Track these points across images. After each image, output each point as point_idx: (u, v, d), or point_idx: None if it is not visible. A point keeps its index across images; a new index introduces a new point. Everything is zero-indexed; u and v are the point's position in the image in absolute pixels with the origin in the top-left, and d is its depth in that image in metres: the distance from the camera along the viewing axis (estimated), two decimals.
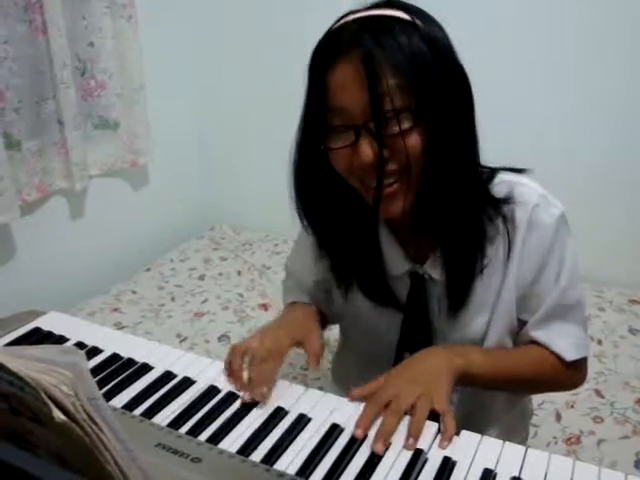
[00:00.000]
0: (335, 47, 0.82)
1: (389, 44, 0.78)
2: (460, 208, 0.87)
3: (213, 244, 2.51)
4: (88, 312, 1.96)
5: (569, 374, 0.99)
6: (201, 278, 2.24)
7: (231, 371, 0.92)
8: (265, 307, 2.04)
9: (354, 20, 0.83)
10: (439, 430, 0.81)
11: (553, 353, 0.96)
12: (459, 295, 0.94)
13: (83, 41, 1.95)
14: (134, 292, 2.12)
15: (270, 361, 0.91)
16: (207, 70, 2.50)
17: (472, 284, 0.94)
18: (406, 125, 0.79)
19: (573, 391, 1.55)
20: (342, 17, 0.86)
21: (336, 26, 0.86)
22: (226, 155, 2.61)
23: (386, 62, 0.78)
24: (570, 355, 0.96)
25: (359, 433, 0.80)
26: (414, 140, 0.80)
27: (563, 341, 0.96)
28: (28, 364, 0.35)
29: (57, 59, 1.80)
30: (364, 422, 0.81)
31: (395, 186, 0.84)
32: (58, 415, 0.34)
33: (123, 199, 2.28)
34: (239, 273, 2.28)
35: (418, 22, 0.82)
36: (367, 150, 0.81)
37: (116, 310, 2.00)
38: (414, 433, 0.79)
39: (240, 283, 2.20)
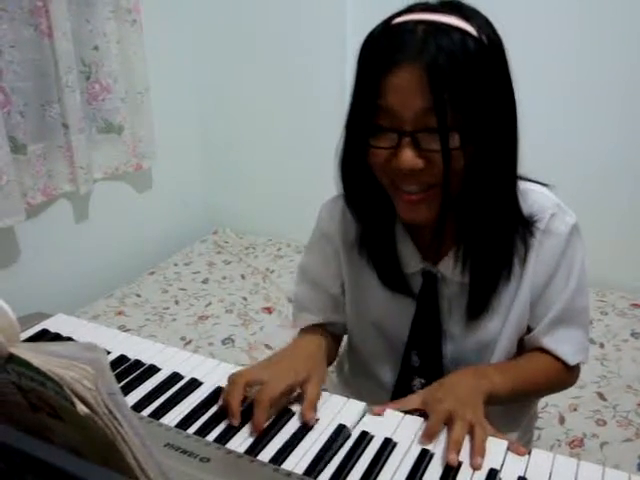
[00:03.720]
0: (397, 49, 0.79)
1: (453, 58, 0.77)
2: (494, 227, 0.89)
3: (217, 248, 2.52)
4: (92, 315, 1.97)
5: (568, 376, 1.01)
6: (205, 282, 2.25)
7: (229, 407, 0.84)
8: (269, 310, 2.04)
9: (417, 22, 0.80)
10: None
11: (558, 358, 0.97)
12: (482, 301, 0.95)
13: (88, 45, 1.97)
14: (138, 295, 2.13)
15: (262, 410, 0.83)
16: (211, 74, 2.52)
17: (496, 291, 0.94)
18: (454, 144, 0.79)
19: (576, 394, 1.56)
20: (403, 12, 0.83)
21: (397, 22, 0.82)
22: (230, 159, 2.62)
23: (448, 76, 0.76)
24: (574, 360, 0.98)
25: (427, 442, 0.80)
26: (455, 160, 0.80)
27: (568, 347, 0.97)
28: (50, 360, 0.36)
29: (62, 63, 1.81)
30: (430, 433, 0.81)
31: (421, 195, 0.84)
32: (82, 408, 0.34)
33: (127, 203, 2.30)
34: (243, 277, 2.29)
35: (485, 40, 0.80)
36: (407, 158, 0.80)
37: (120, 313, 2.00)
38: (480, 452, 0.78)
39: (244, 287, 2.21)
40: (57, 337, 1.05)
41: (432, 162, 0.81)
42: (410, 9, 0.83)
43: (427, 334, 1.00)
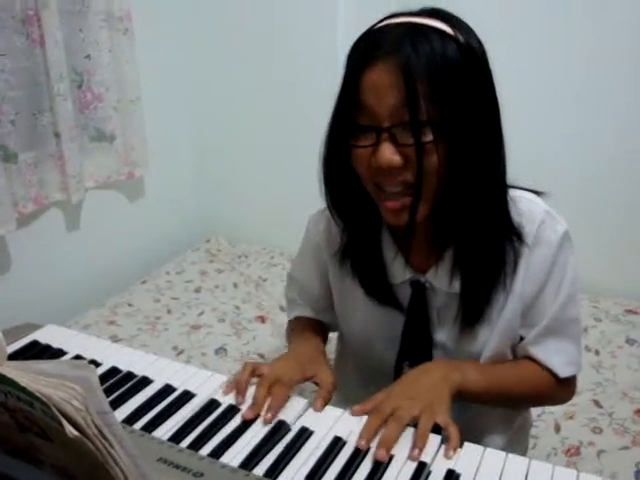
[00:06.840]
0: (374, 48, 0.81)
1: (427, 55, 0.78)
2: (481, 235, 0.88)
3: (209, 256, 2.50)
4: (83, 325, 1.94)
5: (560, 390, 1.00)
6: (197, 290, 2.23)
7: (236, 384, 0.92)
8: (262, 319, 2.03)
9: (397, 24, 0.83)
10: (442, 442, 0.81)
11: (547, 369, 0.97)
12: (475, 311, 0.94)
13: (80, 54, 1.95)
14: (130, 305, 2.11)
15: (278, 387, 0.90)
16: (203, 82, 2.51)
17: (490, 300, 0.93)
18: (427, 138, 0.79)
19: (572, 402, 1.54)
20: (386, 18, 0.86)
21: (378, 26, 0.85)
22: (222, 167, 2.61)
23: (422, 72, 0.78)
24: (563, 372, 0.97)
25: (363, 444, 0.81)
26: (432, 154, 0.80)
27: (558, 358, 0.96)
28: (38, 379, 0.35)
29: (54, 71, 1.80)
30: (367, 433, 0.82)
31: (404, 200, 0.84)
32: (71, 431, 0.33)
33: (119, 211, 2.28)
34: (235, 285, 2.27)
35: (460, 37, 0.81)
36: (386, 154, 0.81)
37: (112, 323, 1.98)
38: (419, 444, 0.79)
39: (236, 295, 2.20)
40: (47, 349, 1.04)
41: (409, 158, 0.81)
42: (393, 15, 0.86)
43: (418, 344, 1.00)
